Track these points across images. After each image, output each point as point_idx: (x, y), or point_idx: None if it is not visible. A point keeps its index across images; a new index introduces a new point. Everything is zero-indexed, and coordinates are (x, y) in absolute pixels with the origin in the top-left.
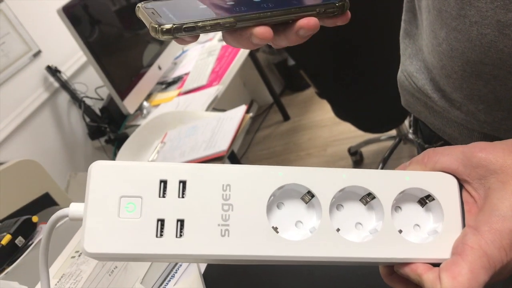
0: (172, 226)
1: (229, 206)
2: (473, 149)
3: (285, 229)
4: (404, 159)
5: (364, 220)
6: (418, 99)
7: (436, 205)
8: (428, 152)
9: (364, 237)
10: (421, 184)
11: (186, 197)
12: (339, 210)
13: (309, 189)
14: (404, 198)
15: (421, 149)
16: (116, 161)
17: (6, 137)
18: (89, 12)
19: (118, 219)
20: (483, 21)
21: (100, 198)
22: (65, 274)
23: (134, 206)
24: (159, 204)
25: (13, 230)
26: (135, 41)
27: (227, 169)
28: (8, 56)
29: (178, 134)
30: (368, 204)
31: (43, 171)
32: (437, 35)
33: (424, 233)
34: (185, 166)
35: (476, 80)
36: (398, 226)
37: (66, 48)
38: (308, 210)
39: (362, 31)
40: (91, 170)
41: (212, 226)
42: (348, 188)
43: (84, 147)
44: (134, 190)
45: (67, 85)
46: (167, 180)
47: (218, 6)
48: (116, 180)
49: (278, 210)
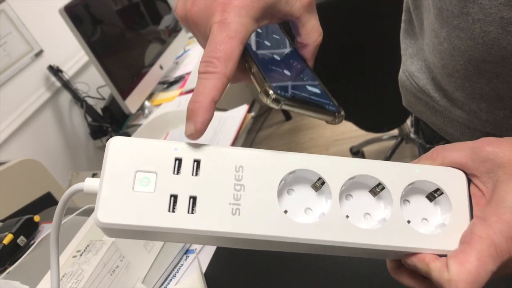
0: (184, 202)
1: (241, 187)
2: (481, 144)
3: (295, 214)
4: (406, 159)
5: (373, 211)
6: (419, 98)
7: (444, 199)
8: (437, 148)
9: (372, 227)
10: (431, 177)
11: (199, 175)
12: (348, 199)
13: (320, 176)
14: (413, 192)
15: (422, 149)
16: (134, 137)
17: (8, 137)
18: (90, 11)
19: (132, 192)
20: (487, 18)
21: (116, 171)
22: (67, 274)
23: (148, 180)
24: (173, 181)
25: (15, 229)
26: (137, 40)
27: (241, 151)
28: (10, 55)
29: (180, 134)
30: (377, 195)
31: (45, 171)
32: (438, 34)
33: (431, 227)
34: (201, 147)
35: (478, 78)
36: (407, 218)
37: (68, 47)
38: (318, 197)
39: (363, 31)
40: (109, 144)
41: (223, 204)
42: (358, 177)
43: (85, 146)
44: (149, 166)
45: (69, 85)
46: (182, 158)
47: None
48: (133, 155)
49: (288, 195)
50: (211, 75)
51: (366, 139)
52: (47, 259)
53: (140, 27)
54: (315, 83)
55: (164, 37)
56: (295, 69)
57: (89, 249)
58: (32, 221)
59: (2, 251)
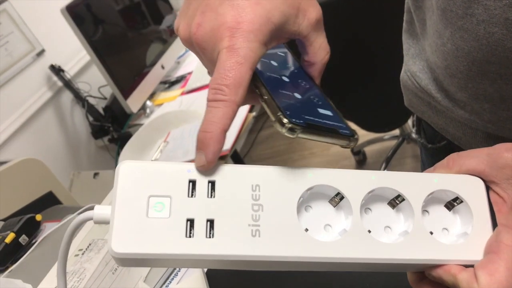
0: (202, 226)
1: (259, 206)
2: (499, 150)
3: (315, 232)
4: (407, 159)
5: (393, 223)
6: (421, 99)
7: (464, 208)
8: (453, 156)
9: (395, 240)
10: (450, 186)
11: (215, 197)
12: (367, 213)
13: (339, 191)
14: (431, 202)
15: (424, 149)
16: (144, 161)
17: (10, 136)
18: (92, 11)
19: (146, 218)
20: (491, 19)
21: (128, 198)
22: (69, 272)
23: (163, 205)
24: (188, 204)
25: (16, 228)
26: (138, 40)
27: (257, 169)
28: (12, 55)
29: (181, 133)
30: (396, 207)
31: (47, 170)
32: (441, 34)
33: (453, 237)
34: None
35: (481, 79)
36: (428, 229)
37: (70, 47)
38: (337, 213)
39: (365, 31)
40: (119, 170)
41: (242, 226)
42: (377, 190)
43: (87, 146)
44: (163, 190)
45: (71, 84)
46: (196, 180)
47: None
48: (145, 180)
49: (306, 212)
50: (221, 103)
51: (367, 139)
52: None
53: (141, 27)
54: (326, 104)
55: (165, 36)
56: (304, 90)
57: (91, 248)
58: (34, 220)
59: (4, 250)
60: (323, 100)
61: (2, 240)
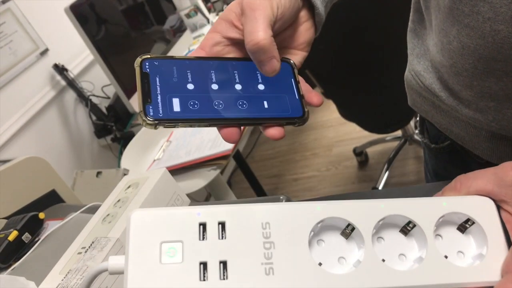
0: (215, 269)
1: (270, 244)
2: (505, 169)
3: (329, 266)
4: (409, 160)
5: (407, 251)
6: (425, 98)
7: (477, 229)
8: (460, 178)
9: (410, 267)
10: (460, 209)
11: (226, 238)
12: (380, 242)
13: (349, 222)
14: (443, 226)
15: (427, 149)
16: (153, 208)
17: (14, 135)
18: (96, 11)
19: (160, 265)
20: (497, 17)
21: (140, 246)
22: (72, 270)
23: (175, 251)
24: (200, 247)
25: (20, 226)
26: (142, 40)
27: (265, 207)
28: (16, 54)
29: (184, 133)
30: (408, 233)
31: (50, 168)
32: (447, 33)
33: (468, 259)
34: (223, 207)
35: (487, 77)
36: (443, 254)
37: (73, 46)
38: (349, 244)
39: (368, 32)
40: (130, 219)
41: (256, 265)
42: (388, 218)
43: (90, 145)
44: (174, 235)
45: (74, 84)
46: (206, 222)
47: (200, 97)
48: (156, 227)
49: (318, 246)
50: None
51: (369, 140)
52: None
53: (145, 27)
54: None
55: (168, 37)
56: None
57: (94, 246)
58: (37, 218)
59: (7, 248)
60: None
61: (5, 238)
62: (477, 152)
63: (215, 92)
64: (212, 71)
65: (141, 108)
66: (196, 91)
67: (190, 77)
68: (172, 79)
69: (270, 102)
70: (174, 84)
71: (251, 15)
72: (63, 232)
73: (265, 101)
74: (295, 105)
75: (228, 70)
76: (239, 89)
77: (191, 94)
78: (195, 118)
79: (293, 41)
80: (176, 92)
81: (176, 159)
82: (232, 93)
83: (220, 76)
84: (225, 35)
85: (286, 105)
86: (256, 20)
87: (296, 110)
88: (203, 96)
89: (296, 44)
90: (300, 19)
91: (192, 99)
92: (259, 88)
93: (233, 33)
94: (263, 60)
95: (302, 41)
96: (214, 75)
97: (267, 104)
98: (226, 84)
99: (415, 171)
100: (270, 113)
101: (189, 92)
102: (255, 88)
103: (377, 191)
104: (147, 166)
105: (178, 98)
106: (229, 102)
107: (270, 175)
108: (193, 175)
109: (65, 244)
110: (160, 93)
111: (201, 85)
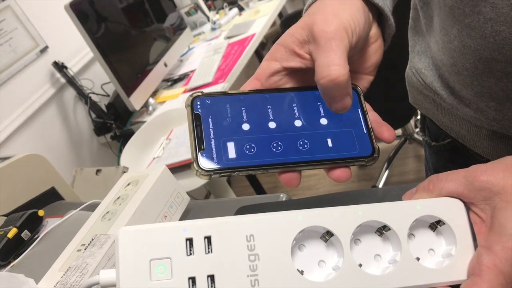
0: (203, 283)
1: (255, 256)
2: (475, 173)
3: (310, 271)
4: (409, 159)
5: (382, 252)
6: (426, 96)
7: (447, 229)
8: (433, 179)
9: (385, 268)
10: (432, 211)
11: (213, 252)
12: (357, 244)
13: (329, 230)
14: (416, 225)
15: (428, 147)
16: (140, 225)
17: (13, 132)
18: (96, 8)
19: (150, 282)
20: (498, 18)
21: (130, 264)
22: (71, 267)
23: (164, 267)
24: (188, 263)
25: (19, 223)
26: (142, 38)
27: (249, 219)
28: (16, 51)
29: (184, 131)
30: (383, 235)
31: (50, 166)
32: (448, 32)
33: (439, 257)
34: (208, 221)
35: (487, 77)
36: (415, 253)
37: (73, 44)
38: (328, 248)
39: None
40: (118, 237)
41: (242, 278)
42: (365, 223)
43: (89, 142)
44: (162, 252)
45: (74, 81)
46: (192, 237)
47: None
48: (144, 244)
49: (300, 252)
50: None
51: None
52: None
53: (145, 25)
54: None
55: (168, 35)
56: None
57: (93, 243)
58: (36, 216)
59: (6, 245)
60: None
61: (5, 235)
62: (477, 150)
63: (273, 132)
64: (269, 106)
65: (195, 157)
66: (252, 132)
67: (245, 115)
68: (226, 120)
69: (335, 140)
70: (229, 126)
71: (327, 45)
72: (62, 229)
73: (328, 139)
74: (363, 141)
75: (287, 104)
76: (299, 125)
77: (246, 136)
78: (252, 165)
79: (359, 65)
80: (231, 135)
81: (176, 157)
82: (291, 132)
83: (277, 111)
84: (285, 64)
85: (353, 143)
86: (333, 52)
87: (365, 148)
88: (260, 138)
89: (363, 68)
90: (370, 40)
91: (248, 142)
92: (322, 123)
93: (295, 63)
94: (336, 97)
95: (369, 65)
96: (271, 111)
97: (331, 142)
98: (285, 121)
99: (415, 170)
100: (334, 154)
101: (245, 133)
102: (318, 124)
103: (377, 189)
104: (147, 164)
105: (233, 142)
106: (288, 142)
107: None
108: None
109: (64, 241)
110: (214, 138)
111: (257, 124)
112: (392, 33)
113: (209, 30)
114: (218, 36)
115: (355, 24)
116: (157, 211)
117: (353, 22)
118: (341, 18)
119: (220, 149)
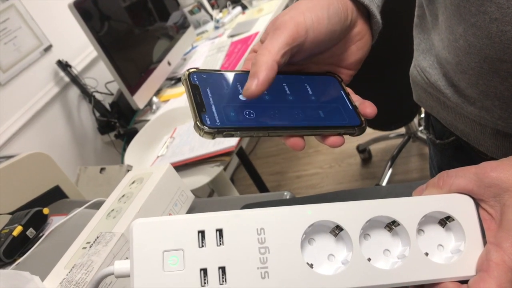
0: (214, 274)
1: (265, 249)
2: (485, 170)
3: (319, 264)
4: (413, 157)
5: (391, 247)
6: (430, 94)
7: (456, 225)
8: (443, 175)
9: (394, 263)
10: (441, 207)
11: (224, 244)
12: (366, 239)
13: (338, 224)
14: (426, 221)
15: (432, 145)
16: (153, 217)
17: (18, 130)
18: (99, 7)
19: (164, 273)
20: (504, 18)
21: (144, 255)
22: (76, 265)
23: (177, 259)
24: (200, 254)
25: (24, 221)
26: (145, 36)
27: (260, 213)
28: (20, 50)
29: (187, 130)
30: (393, 230)
31: (54, 164)
32: (454, 30)
33: (447, 253)
34: (220, 214)
35: (492, 77)
36: (423, 248)
37: (77, 43)
38: (338, 242)
39: None
40: (132, 229)
41: (252, 270)
42: (374, 218)
43: (93, 141)
44: (175, 244)
45: (78, 80)
46: (204, 230)
47: (254, 107)
48: (157, 236)
49: (310, 246)
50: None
51: (372, 137)
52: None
53: (148, 24)
54: None
55: (172, 33)
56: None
57: (99, 241)
58: (41, 214)
59: (12, 243)
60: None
61: (10, 233)
62: (482, 148)
63: (269, 102)
64: None
65: (197, 117)
66: (250, 102)
67: (240, 89)
68: (224, 91)
69: (326, 112)
70: (227, 95)
71: (271, 34)
72: (67, 227)
73: (320, 111)
74: (351, 114)
75: (277, 83)
76: (292, 99)
77: (245, 104)
78: (255, 126)
79: (342, 60)
80: (230, 102)
81: (180, 156)
82: (286, 103)
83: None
84: None
85: (342, 115)
86: (274, 40)
87: (353, 119)
88: (258, 106)
89: (345, 64)
90: (354, 37)
91: (247, 109)
92: (312, 99)
93: None
94: (250, 76)
95: (352, 61)
96: None
97: (323, 113)
98: (278, 95)
99: (419, 168)
100: (327, 122)
101: (243, 102)
102: (308, 99)
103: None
104: (151, 162)
105: (233, 108)
106: (284, 111)
107: (273, 172)
108: (197, 171)
109: (69, 239)
110: (214, 103)
111: None
112: (378, 30)
113: (212, 29)
114: (221, 34)
115: (313, 21)
116: (161, 209)
117: (311, 20)
118: (299, 15)
119: (221, 112)
